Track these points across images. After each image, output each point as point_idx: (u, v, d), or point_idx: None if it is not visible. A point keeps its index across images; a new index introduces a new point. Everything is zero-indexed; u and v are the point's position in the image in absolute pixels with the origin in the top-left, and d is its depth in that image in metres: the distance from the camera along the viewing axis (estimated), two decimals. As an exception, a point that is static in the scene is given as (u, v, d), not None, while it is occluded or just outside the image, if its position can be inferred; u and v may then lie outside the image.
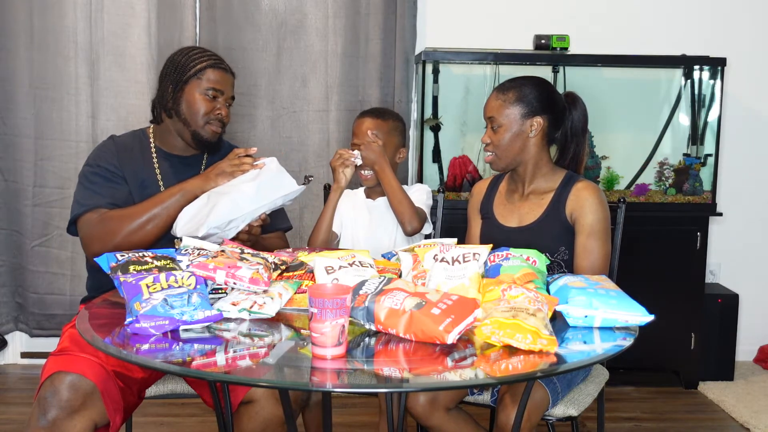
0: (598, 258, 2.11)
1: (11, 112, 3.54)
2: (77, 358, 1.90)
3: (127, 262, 1.78)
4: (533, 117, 2.17)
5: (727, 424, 3.18)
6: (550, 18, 3.67)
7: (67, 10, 3.50)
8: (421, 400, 1.99)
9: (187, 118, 2.23)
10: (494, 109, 2.20)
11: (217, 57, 2.29)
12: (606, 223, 2.14)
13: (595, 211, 2.13)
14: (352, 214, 2.51)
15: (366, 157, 2.41)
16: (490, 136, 2.21)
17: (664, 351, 3.46)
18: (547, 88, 2.23)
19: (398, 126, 2.50)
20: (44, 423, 1.82)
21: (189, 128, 2.24)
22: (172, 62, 2.26)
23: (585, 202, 2.14)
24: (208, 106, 2.23)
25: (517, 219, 2.24)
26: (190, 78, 2.22)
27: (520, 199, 2.25)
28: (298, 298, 1.80)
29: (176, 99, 2.23)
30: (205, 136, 2.25)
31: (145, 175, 2.25)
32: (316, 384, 1.45)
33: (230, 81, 2.30)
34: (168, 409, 3.16)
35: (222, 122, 2.27)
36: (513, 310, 1.56)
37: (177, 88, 2.23)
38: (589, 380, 2.18)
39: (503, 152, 2.19)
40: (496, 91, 2.22)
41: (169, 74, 2.25)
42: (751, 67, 3.77)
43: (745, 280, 3.82)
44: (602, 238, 2.12)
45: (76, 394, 1.84)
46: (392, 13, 3.56)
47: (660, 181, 3.58)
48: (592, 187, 2.17)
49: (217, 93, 2.24)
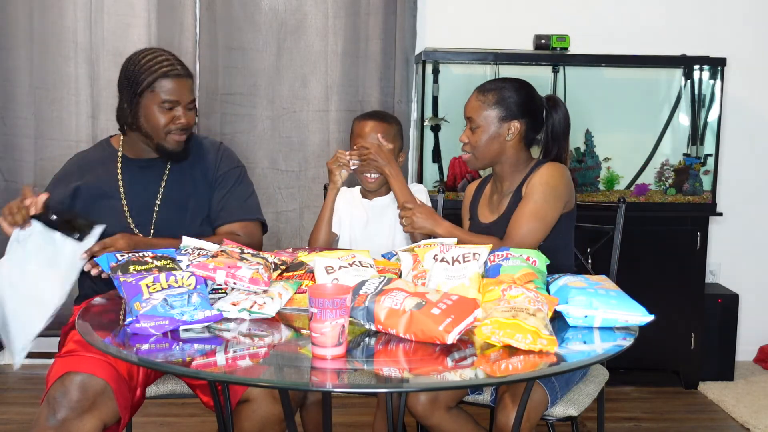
0: (524, 214, 2.08)
1: (11, 112, 3.54)
2: (85, 358, 1.90)
3: (127, 262, 1.78)
4: (511, 121, 2.19)
5: (727, 424, 3.18)
6: (550, 18, 3.67)
7: (67, 10, 3.50)
8: (422, 400, 1.99)
9: (148, 131, 2.17)
10: (473, 109, 2.22)
11: (169, 62, 2.17)
12: (549, 188, 2.11)
13: (540, 180, 2.12)
14: (350, 213, 2.50)
15: (378, 162, 2.38)
16: (468, 136, 2.23)
17: (664, 351, 3.45)
18: (527, 91, 2.24)
19: (399, 129, 2.51)
20: (54, 423, 1.83)
21: (152, 141, 2.19)
22: (126, 73, 2.17)
23: (535, 175, 2.15)
24: (167, 118, 2.15)
25: (495, 215, 2.26)
26: (144, 91, 2.14)
27: (499, 197, 2.28)
28: (298, 298, 1.80)
29: (134, 114, 2.16)
30: (169, 147, 2.19)
31: (106, 186, 2.23)
32: (316, 384, 1.46)
33: (187, 85, 2.19)
34: (168, 409, 3.16)
35: (185, 129, 2.19)
36: (513, 310, 1.56)
37: (132, 103, 2.16)
38: (589, 380, 2.18)
39: (480, 153, 2.22)
40: (476, 91, 2.24)
41: (124, 88, 2.17)
42: (751, 67, 3.77)
43: (745, 280, 3.82)
44: (537, 198, 2.09)
45: (86, 394, 1.85)
46: (392, 13, 3.56)
47: (660, 181, 3.58)
48: (551, 165, 2.17)
49: (173, 103, 2.15)
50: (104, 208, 2.20)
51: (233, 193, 2.30)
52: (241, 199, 2.32)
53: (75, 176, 2.26)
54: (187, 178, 2.28)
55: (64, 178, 2.28)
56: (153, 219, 2.23)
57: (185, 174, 2.28)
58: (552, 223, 2.12)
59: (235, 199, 2.30)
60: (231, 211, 2.28)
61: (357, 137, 2.45)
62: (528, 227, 2.09)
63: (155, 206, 2.24)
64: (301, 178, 3.63)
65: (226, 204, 2.28)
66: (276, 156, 3.61)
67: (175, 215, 2.23)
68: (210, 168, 2.30)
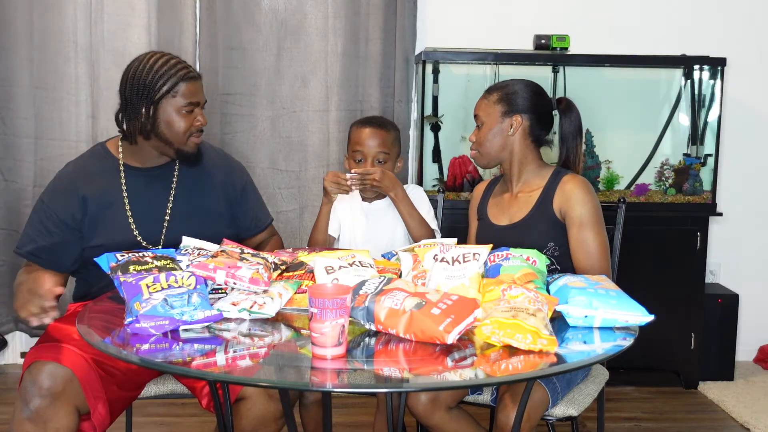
0: (595, 248, 2.12)
1: (11, 112, 3.53)
2: (54, 347, 1.90)
3: (127, 262, 1.78)
4: (513, 116, 2.21)
5: (727, 424, 3.18)
6: (550, 18, 3.67)
7: (67, 10, 3.49)
8: (423, 400, 1.99)
9: (168, 137, 2.13)
10: (479, 107, 2.27)
11: (182, 65, 2.15)
12: (596, 212, 2.15)
13: (583, 202, 2.13)
14: (350, 216, 2.50)
15: (384, 185, 2.36)
16: (475, 134, 2.27)
17: (664, 351, 3.45)
18: (533, 89, 2.26)
19: (397, 135, 2.50)
20: (27, 413, 1.82)
21: (172, 147, 2.15)
22: (137, 81, 2.10)
23: (572, 195, 2.15)
24: (188, 122, 2.13)
25: (507, 217, 2.26)
26: (162, 98, 2.09)
27: (511, 198, 2.28)
28: (298, 298, 1.80)
29: (153, 121, 2.11)
30: (189, 151, 2.17)
31: (111, 197, 2.16)
32: (316, 384, 1.46)
33: (201, 86, 2.19)
34: (168, 409, 3.16)
35: (202, 131, 2.19)
36: (513, 310, 1.56)
37: (150, 111, 2.10)
38: (589, 380, 2.18)
39: (484, 149, 2.25)
40: (486, 91, 2.29)
41: (136, 95, 2.10)
42: (751, 67, 3.77)
43: (745, 280, 3.82)
44: (594, 228, 2.13)
45: (56, 381, 1.83)
46: (392, 13, 3.56)
47: (660, 181, 3.58)
48: (577, 180, 2.18)
49: (194, 106, 2.14)
50: (109, 220, 2.14)
51: (256, 202, 2.40)
52: (260, 204, 2.43)
53: (78, 185, 2.15)
54: (196, 187, 2.24)
55: (66, 188, 2.16)
56: (163, 231, 2.18)
57: (193, 182, 2.24)
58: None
59: (259, 208, 2.40)
60: (259, 219, 2.40)
61: (355, 144, 2.44)
62: (600, 256, 2.12)
63: (165, 218, 2.19)
64: (301, 178, 3.63)
65: (253, 215, 2.37)
66: (276, 156, 3.61)
67: (186, 226, 2.16)
68: (226, 182, 2.30)
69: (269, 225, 2.46)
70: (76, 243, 2.13)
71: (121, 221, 2.16)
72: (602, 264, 2.12)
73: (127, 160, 2.21)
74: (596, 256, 2.11)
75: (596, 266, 2.10)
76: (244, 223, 2.34)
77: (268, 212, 2.46)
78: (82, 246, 2.14)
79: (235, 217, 2.31)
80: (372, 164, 2.41)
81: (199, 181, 2.25)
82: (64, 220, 2.12)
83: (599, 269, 2.10)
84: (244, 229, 2.34)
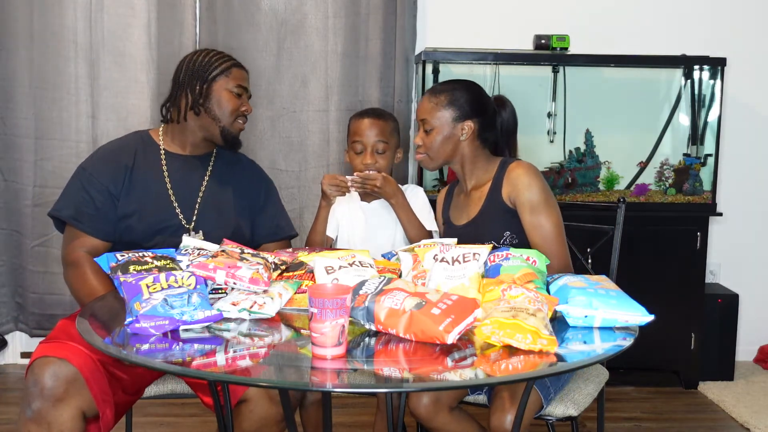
0: (550, 230, 2.12)
1: (11, 112, 3.53)
2: (62, 345, 1.88)
3: (127, 262, 1.78)
4: (464, 121, 2.22)
5: (727, 424, 3.18)
6: (550, 18, 3.67)
7: (67, 10, 3.49)
8: (425, 402, 1.98)
9: (217, 114, 2.25)
10: (426, 111, 2.24)
11: (232, 57, 2.34)
12: (544, 194, 2.14)
13: (529, 186, 2.14)
14: (348, 216, 2.50)
15: (385, 191, 2.38)
16: (423, 138, 2.26)
17: (664, 351, 3.45)
18: (478, 91, 2.28)
19: (396, 126, 2.51)
20: (30, 414, 1.81)
21: (219, 124, 2.26)
22: (193, 63, 2.27)
23: (518, 181, 2.16)
24: (236, 103, 2.27)
25: (465, 216, 2.27)
26: (218, 76, 2.25)
27: (465, 197, 2.30)
28: (298, 298, 1.80)
29: (206, 96, 2.24)
30: (233, 132, 2.29)
31: (154, 174, 2.25)
32: (316, 384, 1.46)
33: (249, 79, 2.36)
34: (168, 409, 3.16)
35: (246, 118, 2.33)
36: (513, 310, 1.56)
37: (205, 86, 2.24)
38: (589, 380, 2.18)
39: (435, 154, 2.25)
40: (428, 93, 2.28)
41: (192, 74, 2.25)
42: (751, 67, 3.77)
43: (745, 280, 3.82)
44: (546, 210, 2.13)
45: (58, 381, 1.82)
46: (392, 13, 3.56)
47: (660, 181, 3.58)
48: (522, 165, 2.19)
49: (242, 90, 2.29)
50: (153, 194, 2.22)
51: (278, 211, 2.45)
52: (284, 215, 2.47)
53: (122, 157, 2.24)
54: (225, 183, 2.33)
55: (111, 158, 2.24)
56: (194, 215, 2.26)
57: (224, 177, 2.33)
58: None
59: (282, 218, 2.45)
60: (281, 227, 2.44)
61: (354, 134, 2.46)
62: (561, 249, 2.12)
63: (197, 203, 2.27)
64: (301, 178, 3.63)
65: (274, 222, 2.41)
66: (276, 156, 3.61)
67: (212, 216, 2.27)
68: (250, 187, 2.38)
69: (290, 237, 2.47)
70: (114, 211, 2.20)
71: (164, 197, 2.23)
72: (559, 246, 2.12)
73: (167, 146, 2.31)
74: (552, 238, 2.11)
75: (554, 249, 2.10)
76: (263, 229, 2.39)
77: (292, 225, 2.49)
78: (118, 215, 2.19)
79: (254, 221, 2.38)
80: (371, 154, 2.42)
81: (230, 179, 2.34)
82: (107, 187, 2.19)
83: (557, 251, 2.10)
84: (264, 236, 2.40)
